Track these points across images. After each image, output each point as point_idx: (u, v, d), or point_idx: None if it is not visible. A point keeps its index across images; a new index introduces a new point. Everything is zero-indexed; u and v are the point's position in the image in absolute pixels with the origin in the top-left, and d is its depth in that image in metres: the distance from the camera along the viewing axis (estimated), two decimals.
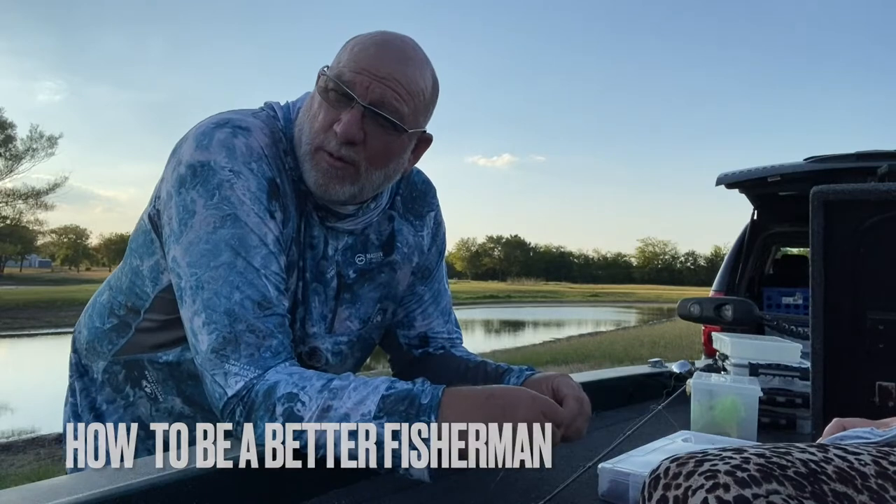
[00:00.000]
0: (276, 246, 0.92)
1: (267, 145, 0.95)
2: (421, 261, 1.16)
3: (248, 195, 0.90)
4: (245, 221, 0.89)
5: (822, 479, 0.49)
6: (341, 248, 1.04)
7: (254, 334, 0.86)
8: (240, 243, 0.89)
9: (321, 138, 0.93)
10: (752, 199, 4.39)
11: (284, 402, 0.82)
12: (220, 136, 0.92)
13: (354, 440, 0.79)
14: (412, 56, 0.95)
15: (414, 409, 0.79)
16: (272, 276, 0.90)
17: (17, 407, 8.35)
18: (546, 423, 0.78)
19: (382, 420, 0.79)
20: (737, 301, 1.50)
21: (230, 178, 0.90)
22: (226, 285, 0.87)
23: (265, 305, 0.88)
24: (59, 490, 0.66)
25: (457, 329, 1.23)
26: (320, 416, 0.80)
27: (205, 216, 0.89)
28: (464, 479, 0.96)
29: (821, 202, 1.00)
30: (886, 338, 0.97)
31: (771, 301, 4.80)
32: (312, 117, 0.94)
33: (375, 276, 1.09)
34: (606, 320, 30.49)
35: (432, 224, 1.18)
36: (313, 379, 0.84)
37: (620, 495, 0.88)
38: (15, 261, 68.03)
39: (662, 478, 0.52)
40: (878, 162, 3.17)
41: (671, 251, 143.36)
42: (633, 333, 20.19)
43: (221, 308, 0.86)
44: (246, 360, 0.86)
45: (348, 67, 0.91)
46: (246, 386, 0.85)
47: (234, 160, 0.91)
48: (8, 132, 41.33)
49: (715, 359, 1.59)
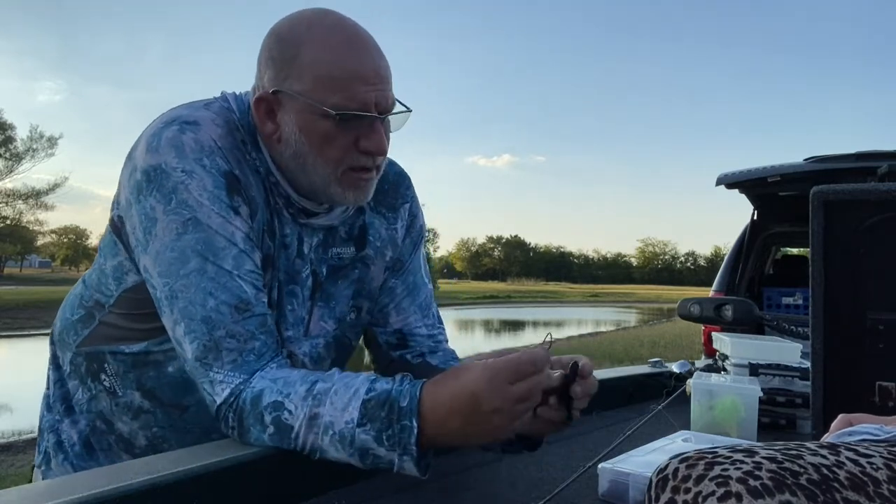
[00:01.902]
0: (246, 243, 0.90)
1: (220, 136, 0.91)
2: (395, 254, 1.12)
3: (205, 195, 0.87)
4: (207, 224, 0.87)
5: (835, 486, 0.48)
6: (315, 245, 1.01)
7: (234, 339, 0.85)
8: (206, 247, 0.86)
9: (347, 160, 0.92)
10: (752, 199, 4.39)
11: (271, 412, 0.82)
12: (168, 134, 0.88)
13: (342, 448, 0.80)
14: (373, 39, 0.93)
15: (394, 413, 0.79)
16: (247, 276, 0.88)
17: (18, 407, 8.35)
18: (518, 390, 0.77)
19: (366, 427, 0.79)
20: (737, 301, 1.50)
21: (184, 180, 0.87)
22: (199, 292, 0.85)
23: (242, 308, 0.87)
24: (59, 490, 0.66)
25: (439, 326, 1.18)
26: (308, 424, 0.81)
27: (166, 223, 0.87)
28: (464, 480, 0.96)
29: (821, 202, 1.00)
30: (886, 338, 0.97)
31: (771, 301, 4.80)
32: (321, 145, 0.90)
33: (348, 273, 1.06)
34: (606, 320, 30.49)
35: (406, 216, 1.14)
36: (297, 384, 0.83)
37: (620, 495, 0.87)
38: (15, 261, 68.00)
39: (671, 479, 0.51)
40: (878, 162, 3.16)
41: (671, 251, 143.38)
42: (633, 333, 20.19)
43: (198, 316, 0.85)
44: (230, 366, 0.85)
45: (347, 90, 0.88)
46: (233, 393, 0.85)
47: (185, 159, 0.87)
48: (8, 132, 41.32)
49: (715, 359, 1.59)
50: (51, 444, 1.04)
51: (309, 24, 0.90)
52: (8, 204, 45.46)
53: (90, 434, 1.03)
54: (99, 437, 1.03)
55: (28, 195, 44.77)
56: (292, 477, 0.84)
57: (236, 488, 0.79)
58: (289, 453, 0.83)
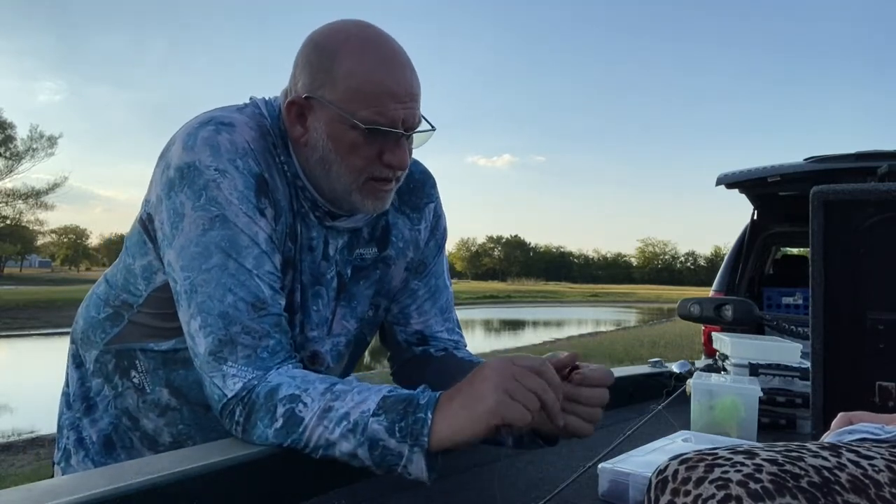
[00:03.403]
0: (268, 245, 0.92)
1: (253, 139, 0.94)
2: (416, 255, 1.13)
3: (235, 194, 0.90)
4: (234, 222, 0.89)
5: (836, 489, 0.48)
6: (340, 247, 1.03)
7: (249, 335, 0.87)
8: (230, 245, 0.88)
9: (369, 171, 0.94)
10: (752, 199, 4.39)
11: (286, 403, 0.82)
12: (204, 134, 0.91)
13: (352, 438, 0.80)
14: (407, 57, 0.95)
15: (411, 407, 0.79)
16: (265, 276, 0.90)
17: (17, 407, 8.35)
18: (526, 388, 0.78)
19: (381, 416, 0.79)
20: (737, 301, 1.50)
21: (216, 178, 0.89)
22: (218, 288, 0.87)
23: (259, 306, 0.88)
24: (59, 490, 0.66)
25: (458, 330, 1.19)
26: (321, 415, 0.81)
27: (194, 218, 0.89)
28: (464, 480, 0.96)
29: (821, 202, 1.00)
30: (886, 338, 0.97)
31: (771, 301, 4.80)
32: (347, 154, 0.93)
33: (370, 273, 1.08)
34: (606, 320, 30.49)
35: (431, 217, 1.15)
36: (316, 382, 0.84)
37: (620, 495, 0.87)
38: (15, 261, 68.01)
39: (671, 481, 0.51)
40: (878, 162, 3.17)
41: (671, 251, 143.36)
42: (633, 333, 20.19)
43: (216, 311, 0.87)
44: (243, 361, 0.86)
45: (378, 105, 0.90)
46: (245, 387, 0.85)
47: (219, 158, 0.90)
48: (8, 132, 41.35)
49: (715, 359, 1.59)
50: (71, 441, 1.07)
51: (347, 35, 0.94)
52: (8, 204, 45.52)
53: (112, 431, 1.05)
54: (122, 435, 1.05)
55: (28, 195, 44.83)
56: (292, 477, 0.84)
57: (236, 488, 0.79)
58: (290, 452, 0.83)
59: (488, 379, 0.78)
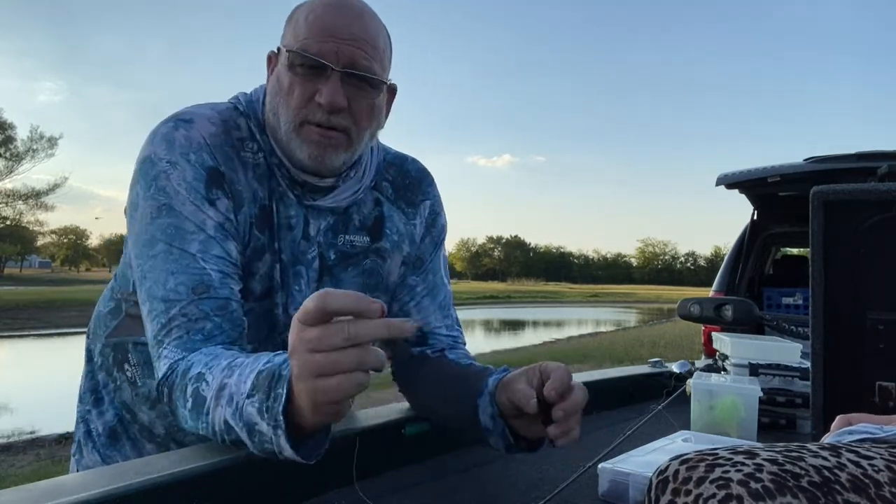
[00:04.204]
0: (218, 231, 0.91)
1: (211, 134, 0.94)
2: (412, 250, 1.12)
3: (183, 185, 0.90)
4: (180, 210, 0.90)
5: (836, 488, 0.48)
6: (323, 229, 1.02)
7: (185, 318, 0.86)
8: (175, 231, 0.89)
9: (304, 112, 0.92)
10: (752, 200, 4.39)
11: (194, 382, 0.80)
12: (163, 130, 0.93)
13: (236, 423, 0.73)
14: (366, 11, 0.95)
15: (274, 381, 0.69)
16: (212, 260, 0.90)
17: (17, 407, 8.35)
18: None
19: (254, 397, 0.70)
20: (737, 301, 1.50)
21: (167, 170, 0.91)
22: (162, 273, 0.88)
23: (201, 290, 0.87)
24: (59, 490, 0.66)
25: (457, 328, 1.17)
26: (217, 395, 0.75)
27: (143, 208, 0.91)
28: (464, 480, 0.96)
29: (821, 202, 0.99)
30: (886, 338, 0.97)
31: (771, 301, 4.80)
32: (286, 95, 0.93)
33: (359, 262, 1.06)
34: (606, 320, 30.49)
35: (427, 213, 1.14)
36: (222, 358, 0.79)
37: (620, 495, 0.87)
38: (15, 261, 68.00)
39: (671, 481, 0.51)
40: (878, 162, 3.17)
41: (671, 251, 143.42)
42: (633, 334, 20.19)
43: (159, 295, 0.87)
44: (175, 343, 0.86)
45: (311, 38, 0.90)
46: (171, 367, 0.85)
47: (172, 152, 0.92)
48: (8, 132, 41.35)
49: (715, 359, 1.59)
50: (81, 433, 1.09)
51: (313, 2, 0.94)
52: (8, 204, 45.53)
53: (117, 423, 1.08)
54: (126, 427, 1.08)
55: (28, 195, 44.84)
56: (292, 477, 0.84)
57: (236, 488, 0.79)
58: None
59: (293, 367, 0.66)
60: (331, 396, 0.64)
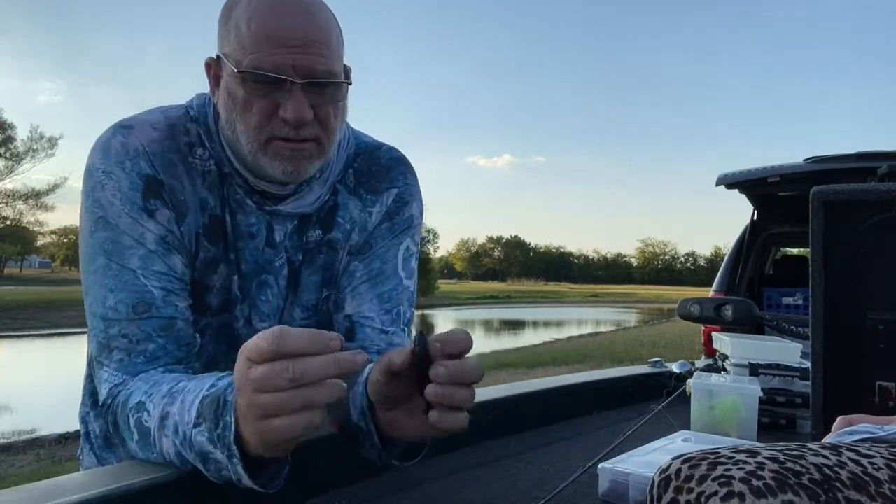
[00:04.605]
0: (159, 245, 0.87)
1: (152, 141, 0.89)
2: (360, 238, 1.01)
3: (118, 196, 0.86)
4: (115, 224, 0.85)
5: (836, 486, 0.48)
6: (289, 232, 0.96)
7: (126, 339, 0.83)
8: (113, 246, 0.85)
9: (268, 129, 0.85)
10: (752, 200, 4.38)
11: (135, 413, 0.77)
12: (103, 137, 0.89)
13: (188, 453, 0.71)
14: (311, 4, 0.86)
15: (220, 408, 0.67)
16: (154, 277, 0.85)
17: (17, 407, 8.35)
18: None
19: (201, 427, 0.68)
20: (737, 301, 1.50)
21: (102, 180, 0.87)
22: (101, 290, 0.84)
23: (142, 308, 0.83)
24: (59, 490, 0.66)
25: (400, 328, 1.00)
26: (160, 424, 0.73)
27: (84, 221, 0.88)
28: (464, 480, 0.96)
29: (821, 202, 0.99)
30: (886, 338, 0.97)
31: (771, 301, 4.80)
32: (242, 112, 0.85)
33: (314, 257, 0.99)
34: (606, 320, 30.51)
35: (389, 202, 1.03)
36: (163, 384, 0.77)
37: (620, 495, 0.87)
38: (15, 261, 67.99)
39: (673, 479, 0.51)
40: (878, 162, 3.16)
41: (671, 251, 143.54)
42: (633, 334, 20.20)
43: (98, 313, 0.84)
44: (115, 366, 0.83)
45: (261, 51, 0.82)
46: (110, 394, 0.82)
47: (108, 160, 0.87)
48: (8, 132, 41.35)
49: (715, 359, 1.59)
50: (83, 434, 1.08)
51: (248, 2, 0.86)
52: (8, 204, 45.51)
53: None
54: None
55: (28, 195, 44.82)
56: (293, 477, 0.84)
57: (236, 488, 0.79)
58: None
59: (238, 406, 0.65)
60: (280, 436, 0.62)
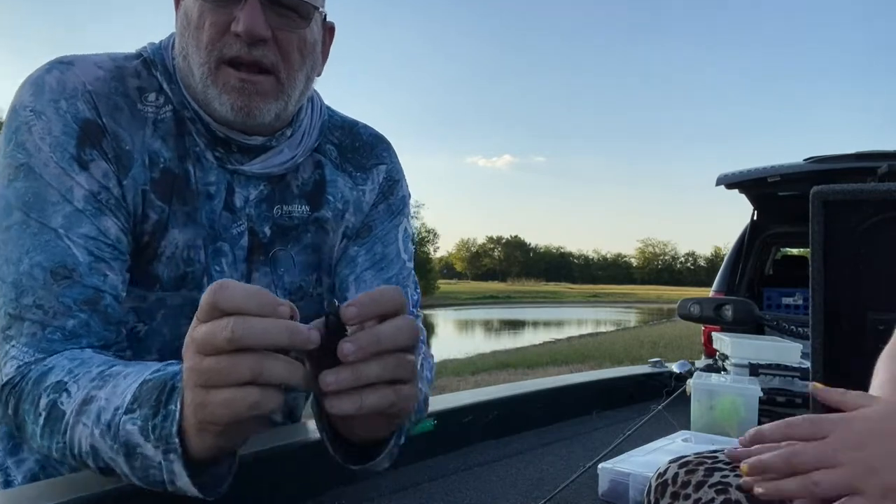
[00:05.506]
0: (89, 203, 0.74)
1: (95, 80, 0.77)
2: (358, 220, 0.92)
3: (48, 139, 0.73)
4: (40, 173, 0.73)
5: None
6: (254, 199, 0.84)
7: (41, 310, 0.70)
8: (34, 199, 0.72)
9: (218, 47, 0.75)
10: (752, 200, 4.39)
11: (50, 393, 0.64)
12: (36, 73, 0.77)
13: (107, 442, 0.59)
14: None
15: (164, 395, 0.56)
16: (80, 240, 0.73)
17: None
18: None
19: (134, 414, 0.57)
20: (737, 301, 1.50)
21: (30, 120, 0.74)
22: (15, 250, 0.71)
23: (63, 274, 0.71)
24: (59, 490, 0.66)
25: (413, 311, 0.94)
26: (80, 409, 0.61)
27: (1, 168, 0.75)
28: (464, 480, 0.96)
29: (821, 202, 1.00)
30: (886, 338, 0.97)
31: (771, 301, 4.80)
32: (195, 30, 0.76)
33: (301, 236, 0.88)
34: (606, 320, 30.51)
35: (381, 179, 0.94)
36: (94, 365, 0.65)
37: (620, 495, 0.88)
38: None
39: (670, 485, 0.51)
40: (878, 162, 3.16)
41: (671, 251, 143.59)
42: (634, 334, 20.18)
43: (9, 278, 0.71)
44: (25, 340, 0.69)
45: None
46: (19, 372, 0.69)
47: (40, 98, 0.75)
48: None
49: (715, 359, 1.59)
50: None
51: None
52: None
53: (40, 472, 0.86)
54: (50, 473, 0.85)
55: None
56: (292, 477, 0.84)
57: (236, 488, 0.79)
58: (289, 452, 0.82)
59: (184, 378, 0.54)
60: (215, 415, 0.50)
